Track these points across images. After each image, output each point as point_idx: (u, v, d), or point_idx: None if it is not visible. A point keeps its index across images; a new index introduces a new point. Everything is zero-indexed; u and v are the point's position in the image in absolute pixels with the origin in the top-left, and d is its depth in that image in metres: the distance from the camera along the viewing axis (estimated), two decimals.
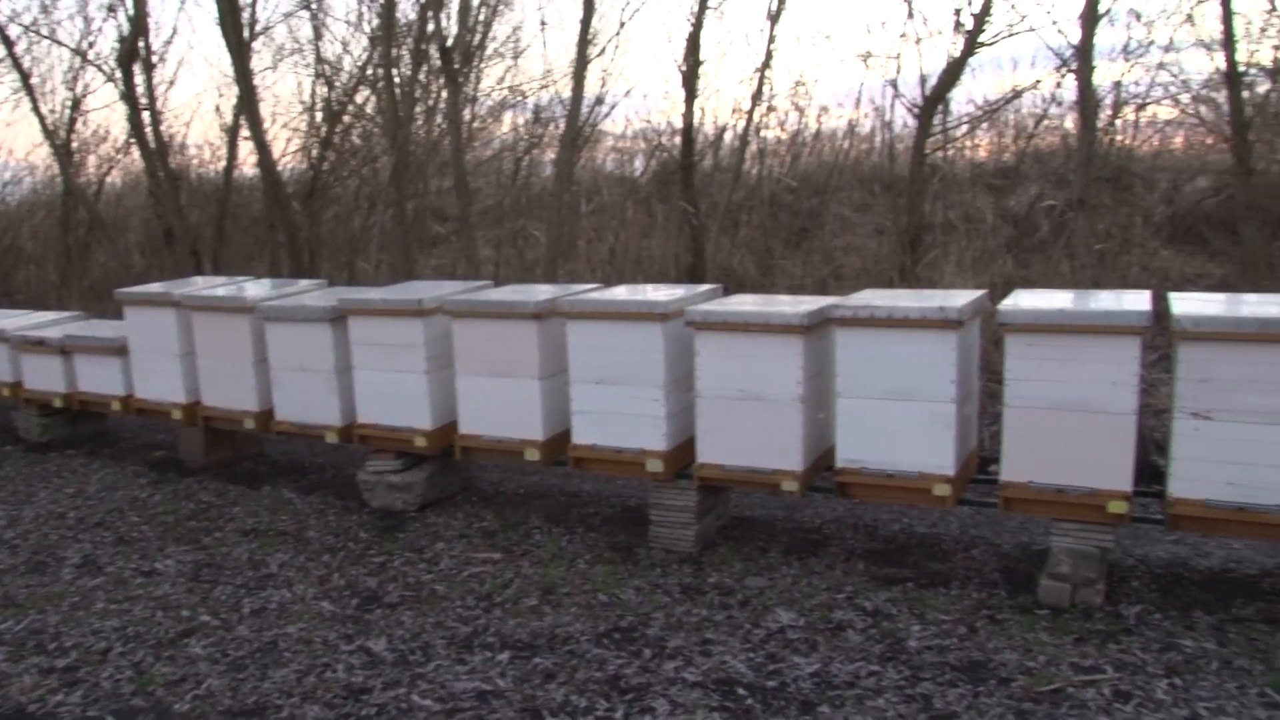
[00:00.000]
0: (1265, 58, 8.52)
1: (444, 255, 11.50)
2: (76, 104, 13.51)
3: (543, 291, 5.52)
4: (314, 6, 11.83)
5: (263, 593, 4.73)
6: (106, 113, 18.13)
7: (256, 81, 11.42)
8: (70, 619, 4.55)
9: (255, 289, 6.63)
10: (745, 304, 4.97)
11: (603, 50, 10.61)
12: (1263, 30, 8.50)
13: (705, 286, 5.51)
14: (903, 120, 9.87)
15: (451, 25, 10.91)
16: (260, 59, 11.75)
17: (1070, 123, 9.13)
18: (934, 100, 8.80)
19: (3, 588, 4.95)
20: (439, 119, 11.64)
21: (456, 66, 10.42)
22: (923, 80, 8.96)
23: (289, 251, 11.18)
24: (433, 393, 5.54)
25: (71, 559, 5.28)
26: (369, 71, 11.56)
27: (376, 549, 5.19)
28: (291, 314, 5.92)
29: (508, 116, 12.64)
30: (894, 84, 9.41)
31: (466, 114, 11.69)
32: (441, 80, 10.99)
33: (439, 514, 5.64)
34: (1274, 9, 8.40)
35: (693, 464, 4.90)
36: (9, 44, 13.07)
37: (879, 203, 10.14)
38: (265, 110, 11.66)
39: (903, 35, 10.02)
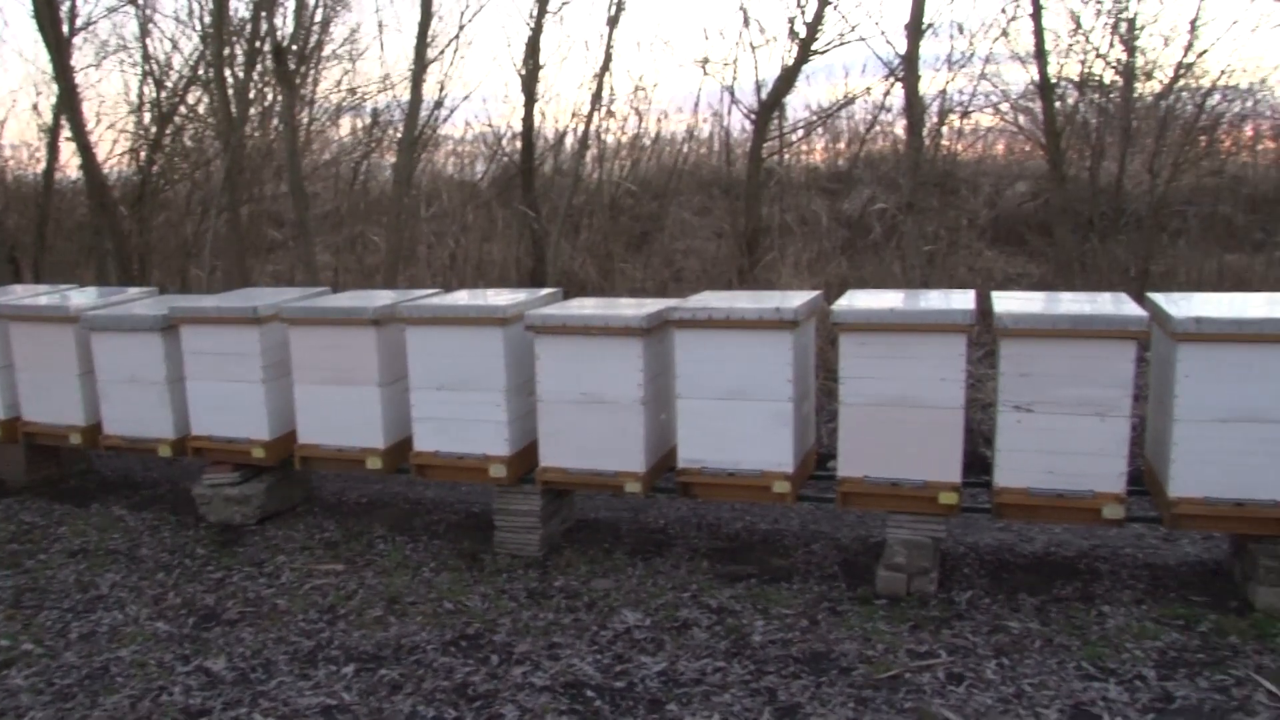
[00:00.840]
0: (1073, 71, 9.00)
1: (281, 262, 11.22)
2: None
3: (382, 297, 5.45)
4: (140, 1, 11.41)
5: (92, 616, 4.53)
6: None
7: (78, 80, 10.95)
8: None
9: (80, 298, 6.35)
10: (586, 307, 5.00)
11: (441, 53, 10.52)
12: (1069, 46, 8.99)
13: (546, 290, 5.52)
14: (740, 125, 10.07)
15: (287, 25, 10.68)
16: (82, 55, 11.24)
17: (899, 129, 9.45)
18: (769, 106, 9.01)
19: None
20: (274, 121, 11.37)
21: (292, 67, 10.19)
22: (759, 86, 9.17)
23: (117, 259, 10.73)
24: (270, 403, 5.40)
25: None
26: (200, 71, 11.19)
27: (214, 565, 5.03)
28: (119, 324, 5.70)
29: (346, 120, 12.43)
30: (731, 90, 9.60)
31: (303, 117, 11.44)
32: (276, 81, 10.73)
33: (279, 526, 5.50)
34: (1079, 27, 8.88)
35: (536, 468, 4.90)
36: None
37: (718, 206, 10.30)
38: (89, 110, 11.23)
39: (739, 42, 10.24)
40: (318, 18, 11.00)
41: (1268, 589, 4.04)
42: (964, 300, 4.45)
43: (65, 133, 11.27)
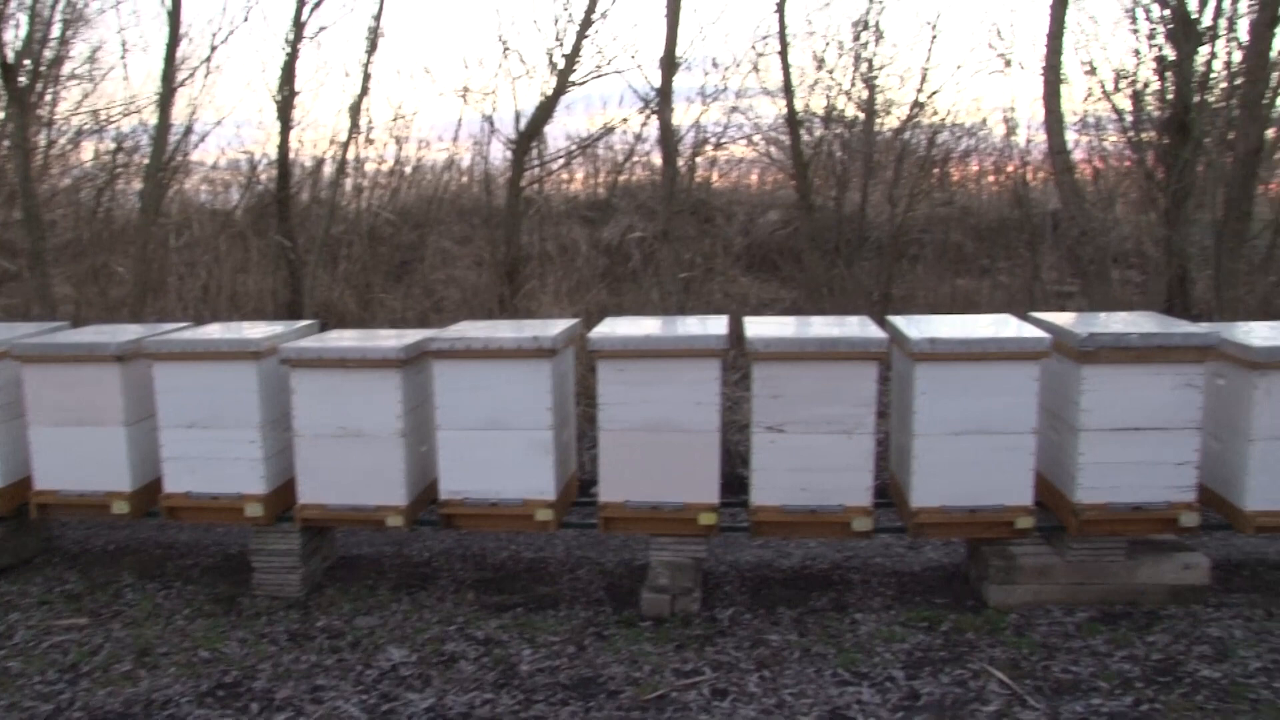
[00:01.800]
0: (819, 106, 9.48)
1: (14, 295, 10.50)
2: None
3: (127, 332, 5.18)
4: None
5: None
6: None
7: None
8: None
9: None
10: (343, 339, 4.89)
11: (191, 76, 10.11)
12: (815, 83, 9.47)
13: (302, 322, 5.37)
14: (500, 154, 10.08)
15: (18, 39, 10.03)
16: None
17: (656, 159, 9.67)
18: (528, 136, 9.07)
19: None
20: (4, 142, 10.65)
21: (23, 84, 9.58)
22: (518, 116, 9.21)
23: None
24: (1, 447, 5.04)
25: None
26: None
27: None
28: None
29: (88, 144, 11.76)
30: (490, 120, 9.60)
31: (40, 139, 10.77)
32: (5, 100, 10.07)
33: (13, 581, 5.12)
34: (823, 65, 9.36)
35: (294, 506, 4.74)
36: None
37: (478, 235, 10.28)
38: None
39: (498, 72, 10.27)
40: (54, 33, 10.40)
41: (997, 587, 4.36)
42: (718, 326, 4.59)
43: None
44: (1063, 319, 4.66)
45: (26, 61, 9.94)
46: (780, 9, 8.83)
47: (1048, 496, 4.51)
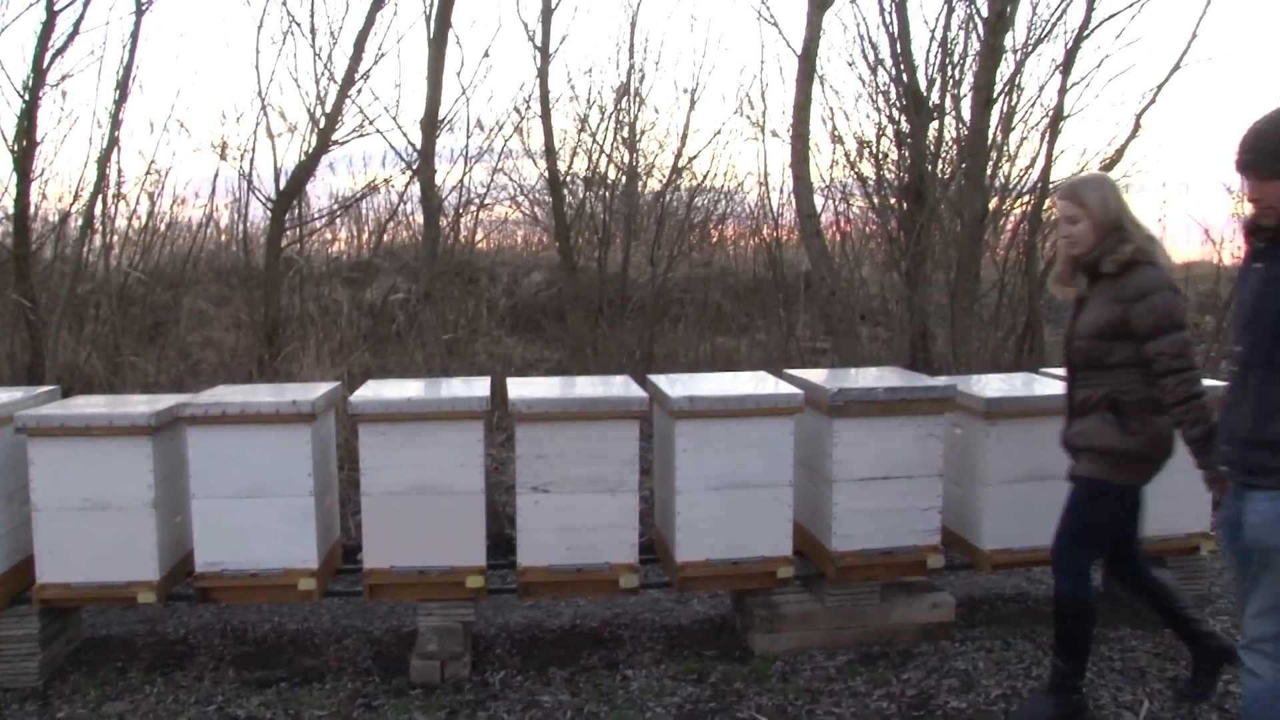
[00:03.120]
0: (581, 168, 9.68)
1: None
2: None
3: None
4: None
5: None
6: None
7: None
8: None
9: None
10: (89, 405, 4.65)
11: None
12: (578, 145, 9.68)
13: (42, 388, 5.07)
14: (260, 213, 9.82)
15: None
16: None
17: (420, 219, 9.64)
18: (289, 195, 8.89)
19: None
20: None
21: None
22: (278, 174, 9.02)
23: None
24: None
25: None
26: None
27: None
28: None
29: None
30: (249, 177, 9.36)
31: None
32: None
33: None
34: (584, 127, 9.57)
35: (32, 586, 4.44)
36: None
37: (237, 296, 9.96)
38: None
39: (257, 129, 10.00)
40: None
41: (763, 635, 4.52)
42: (481, 387, 4.60)
43: None
44: (815, 375, 4.90)
45: None
46: (542, 73, 9.01)
47: (806, 545, 4.71)
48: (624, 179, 10.00)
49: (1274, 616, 2.87)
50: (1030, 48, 8.52)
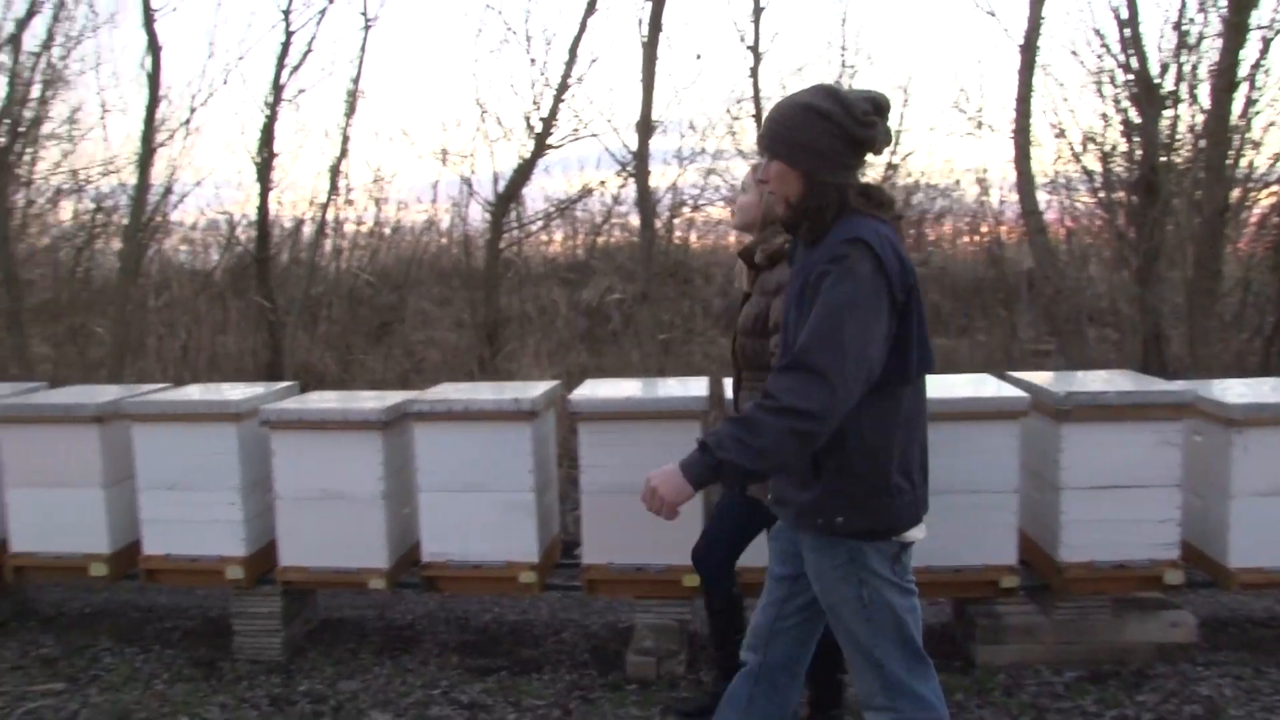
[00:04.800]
0: None
1: None
2: None
3: (106, 393, 5.15)
4: None
5: None
6: None
7: None
8: None
9: None
10: (324, 401, 4.88)
11: (171, 137, 10.17)
12: None
13: (282, 384, 5.36)
14: (479, 216, 10.15)
15: None
16: None
17: (634, 220, 9.76)
18: (507, 198, 9.15)
19: None
20: None
21: (2, 144, 9.61)
22: (496, 178, 9.29)
23: None
24: None
25: None
26: None
27: None
28: None
29: (67, 203, 11.77)
30: (469, 182, 9.68)
31: (19, 198, 10.77)
32: None
33: None
34: None
35: (275, 568, 4.71)
36: None
37: (458, 297, 10.32)
38: None
39: (477, 135, 10.34)
40: (34, 93, 10.44)
41: (985, 646, 4.35)
42: (698, 387, 4.60)
43: None
44: (1041, 378, 4.70)
45: (6, 121, 9.97)
46: (754, 73, 8.98)
47: (1032, 555, 4.52)
48: None
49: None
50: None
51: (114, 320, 9.35)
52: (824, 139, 2.52)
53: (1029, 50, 7.49)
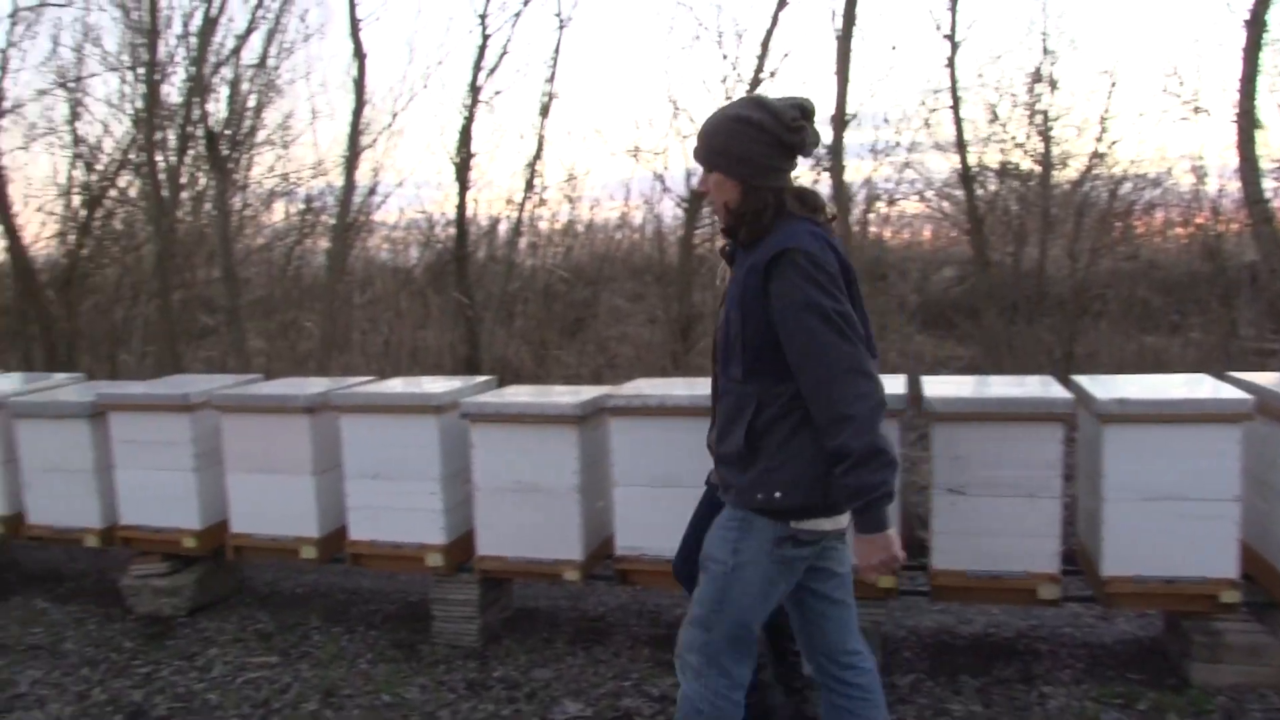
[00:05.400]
0: (993, 160, 9.29)
1: (213, 348, 11.09)
2: None
3: (315, 385, 5.40)
4: (71, 85, 11.36)
5: (10, 716, 4.36)
6: None
7: (6, 161, 10.85)
8: None
9: (4, 383, 6.23)
10: (520, 395, 4.99)
11: (375, 140, 10.58)
12: (989, 136, 9.29)
13: (480, 378, 5.50)
14: (672, 212, 10.20)
15: (220, 110, 10.69)
16: (9, 137, 11.16)
17: None
18: (700, 195, 9.14)
19: None
20: (207, 206, 11.32)
21: (224, 153, 10.18)
22: (689, 175, 9.31)
23: (43, 343, 10.56)
24: (201, 491, 5.30)
25: None
26: (132, 155, 11.13)
27: (142, 658, 4.88)
28: (45, 410, 5.58)
29: (279, 205, 12.41)
30: (662, 178, 9.73)
31: (236, 202, 11.41)
32: (209, 166, 10.71)
33: (210, 618, 5.36)
34: (996, 118, 9.18)
35: (473, 557, 4.84)
36: None
37: (651, 293, 10.39)
38: (16, 192, 11.08)
39: (669, 132, 10.42)
40: (250, 104, 11.04)
41: (1203, 665, 4.08)
42: (895, 385, 4.50)
43: None
44: (1266, 379, 4.41)
45: (227, 131, 10.56)
46: (951, 63, 8.74)
47: (1257, 569, 4.23)
48: (1038, 169, 9.52)
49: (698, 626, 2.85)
50: None
51: (322, 316, 9.78)
52: (757, 147, 2.72)
53: (1256, 25, 7.06)
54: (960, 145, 8.75)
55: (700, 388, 4.69)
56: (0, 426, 5.76)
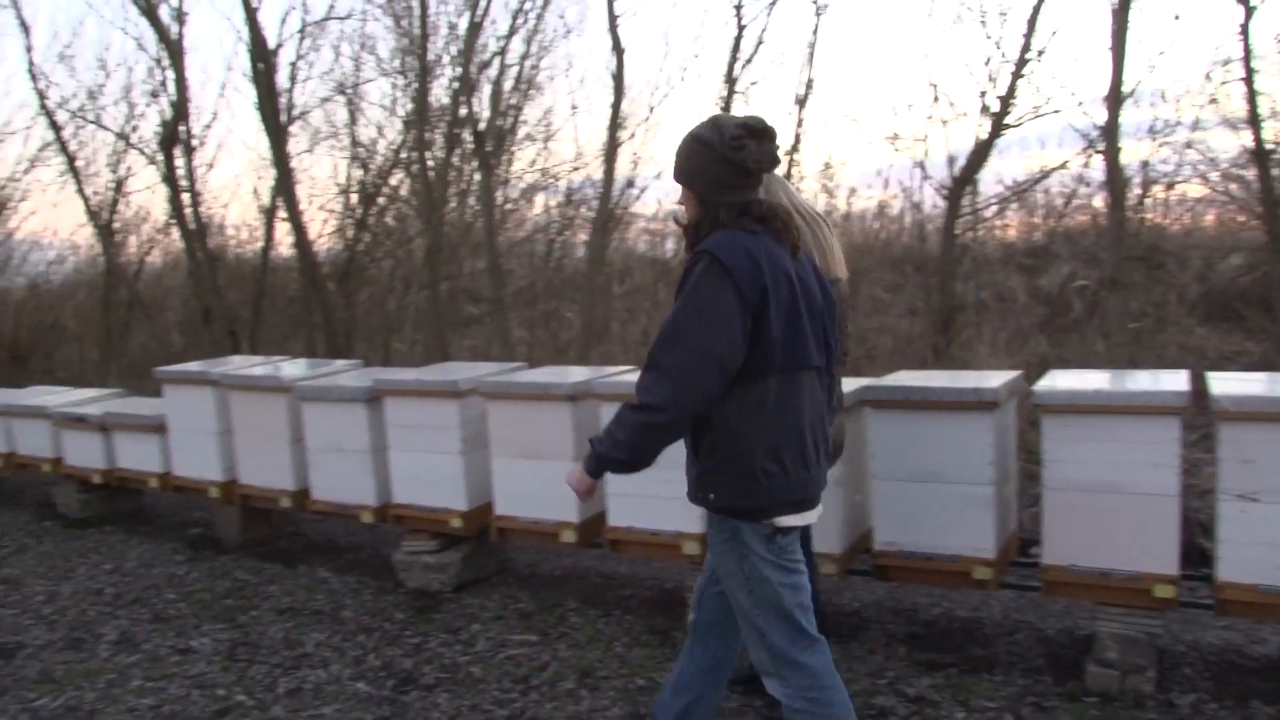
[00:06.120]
0: None
1: (478, 336, 11.56)
2: (119, 186, 13.82)
3: (576, 374, 5.53)
4: (349, 92, 12.09)
5: (298, 672, 4.69)
6: (148, 194, 18.50)
7: (293, 164, 11.65)
8: (107, 697, 4.55)
9: (291, 369, 6.69)
10: None
11: (633, 134, 10.74)
12: None
13: None
14: (932, 201, 9.91)
15: (483, 109, 11.11)
16: (297, 142, 11.98)
17: (1100, 201, 9.15)
18: (962, 181, 8.85)
19: (40, 664, 4.95)
20: (472, 201, 11.80)
21: (489, 150, 10.58)
22: (950, 161, 9.02)
23: (325, 332, 11.29)
24: (468, 474, 5.53)
25: (108, 636, 5.28)
26: (403, 154, 11.76)
27: (412, 630, 5.15)
28: (328, 394, 5.95)
29: (540, 198, 12.80)
30: (922, 165, 9.47)
31: (499, 196, 11.85)
32: (474, 163, 11.16)
33: (474, 595, 5.60)
34: None
35: None
36: (57, 129, 13.48)
37: (910, 283, 10.15)
38: (301, 192, 11.90)
39: (929, 117, 10.12)
40: (513, 101, 11.42)
41: None
42: (1176, 381, 4.23)
43: (281, 213, 12.00)
44: None
45: (496, 125, 10.96)
46: (1245, 30, 8.10)
47: None
48: None
49: None
50: None
51: (582, 306, 10.02)
52: (707, 164, 2.93)
53: None
54: (1254, 121, 8.09)
55: (963, 380, 4.54)
56: (288, 409, 6.19)
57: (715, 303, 2.77)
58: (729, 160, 2.89)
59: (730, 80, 9.72)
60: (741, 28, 9.65)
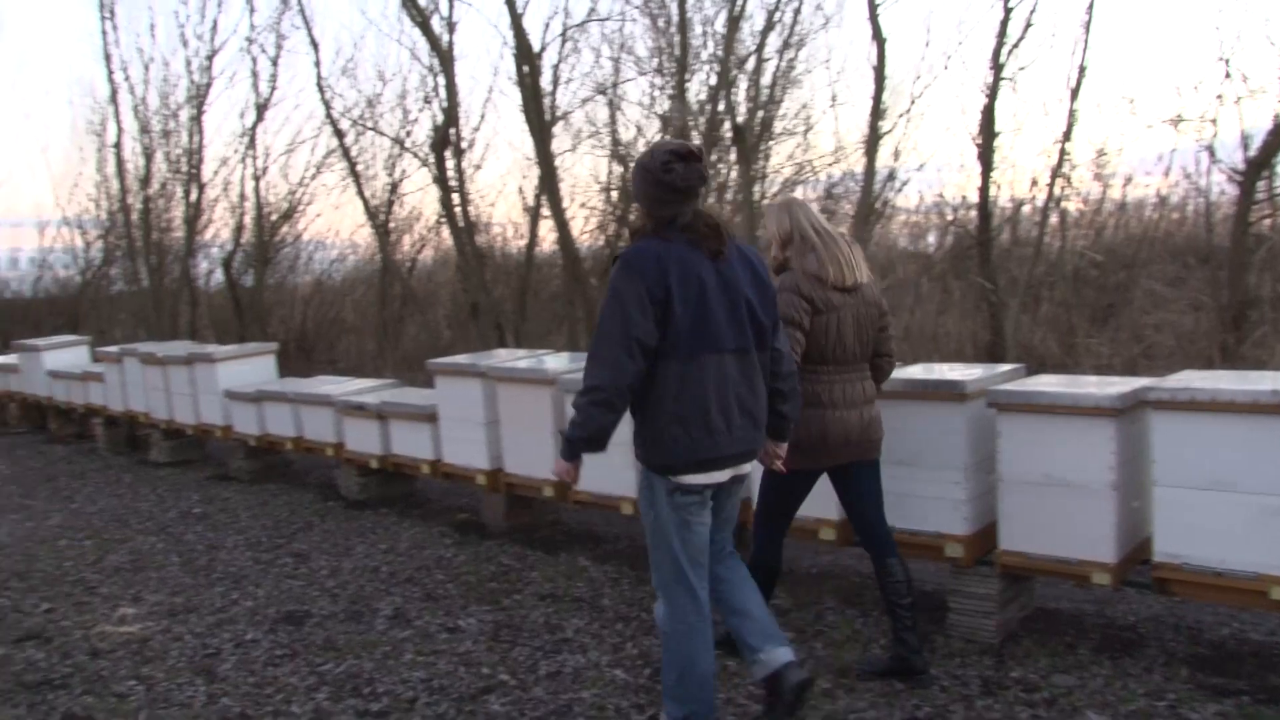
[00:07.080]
0: None
1: None
2: (394, 188, 14.65)
3: None
4: (609, 92, 12.33)
5: (558, 656, 4.80)
6: (420, 195, 19.55)
7: (556, 163, 11.97)
8: (382, 666, 4.79)
9: (555, 362, 6.85)
10: (1050, 384, 4.70)
11: (894, 125, 10.50)
12: None
13: (1007, 366, 5.27)
14: (1220, 187, 9.21)
15: (741, 104, 11.10)
16: (559, 142, 12.32)
17: None
18: (1258, 164, 8.19)
19: (325, 632, 5.28)
20: (729, 195, 11.82)
21: (747, 144, 10.56)
22: (1244, 143, 8.37)
23: (587, 325, 11.55)
24: None
25: (384, 610, 5.56)
26: None
27: None
28: None
29: (798, 192, 12.69)
30: (1210, 149, 8.82)
31: (756, 191, 11.83)
32: (732, 157, 11.17)
33: None
34: None
35: (994, 550, 4.65)
36: (340, 136, 14.35)
37: (1194, 276, 9.49)
38: (564, 190, 12.22)
39: (1219, 96, 9.39)
40: (772, 95, 11.36)
41: None
42: None
43: (544, 211, 12.37)
44: None
45: (758, 116, 10.94)
46: None
47: None
48: None
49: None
50: None
51: None
52: (644, 186, 3.52)
53: None
54: None
55: (1259, 381, 4.18)
56: (552, 401, 6.34)
57: (627, 297, 3.36)
58: (661, 182, 3.46)
59: (996, 66, 9.35)
60: (1008, 10, 9.27)
